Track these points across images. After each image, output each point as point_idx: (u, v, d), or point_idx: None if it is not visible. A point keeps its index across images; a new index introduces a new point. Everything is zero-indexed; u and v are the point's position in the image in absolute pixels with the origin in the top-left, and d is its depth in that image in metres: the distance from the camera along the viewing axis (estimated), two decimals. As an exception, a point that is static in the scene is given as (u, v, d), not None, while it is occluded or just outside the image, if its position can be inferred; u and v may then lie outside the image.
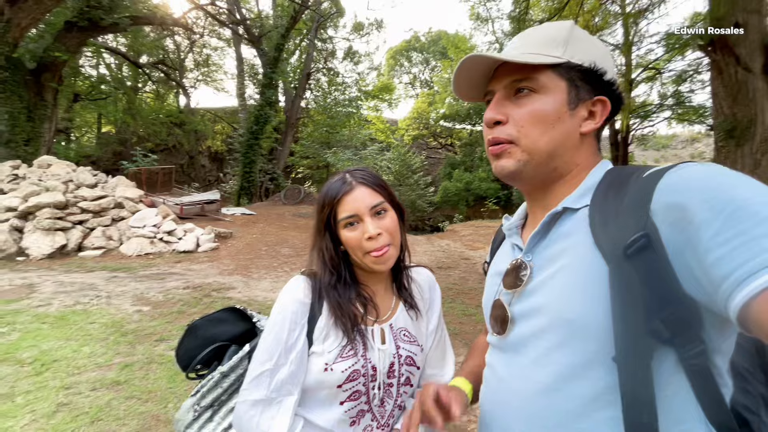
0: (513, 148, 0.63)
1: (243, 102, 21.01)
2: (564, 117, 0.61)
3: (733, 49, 3.75)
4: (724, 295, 0.42)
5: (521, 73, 0.62)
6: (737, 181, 0.45)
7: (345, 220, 0.87)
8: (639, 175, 0.54)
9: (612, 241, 0.52)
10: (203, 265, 6.60)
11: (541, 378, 0.58)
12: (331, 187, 0.90)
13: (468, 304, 5.04)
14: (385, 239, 0.86)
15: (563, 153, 0.63)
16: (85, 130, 25.00)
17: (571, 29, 0.63)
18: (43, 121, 11.23)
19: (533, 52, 0.62)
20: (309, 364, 0.85)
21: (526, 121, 0.62)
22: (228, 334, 0.98)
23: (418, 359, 0.93)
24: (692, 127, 15.53)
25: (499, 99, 0.65)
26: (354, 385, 0.84)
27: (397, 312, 0.96)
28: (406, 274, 1.00)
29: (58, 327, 3.73)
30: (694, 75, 11.93)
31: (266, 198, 17.46)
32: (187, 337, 0.97)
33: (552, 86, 0.61)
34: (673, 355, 0.49)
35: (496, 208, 18.10)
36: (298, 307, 0.87)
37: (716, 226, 0.43)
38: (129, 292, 4.88)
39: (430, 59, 30.72)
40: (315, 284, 0.90)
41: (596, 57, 0.62)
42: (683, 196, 0.47)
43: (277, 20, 18.57)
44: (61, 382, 2.75)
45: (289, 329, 0.85)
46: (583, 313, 0.53)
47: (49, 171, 8.06)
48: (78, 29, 11.74)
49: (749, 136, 3.80)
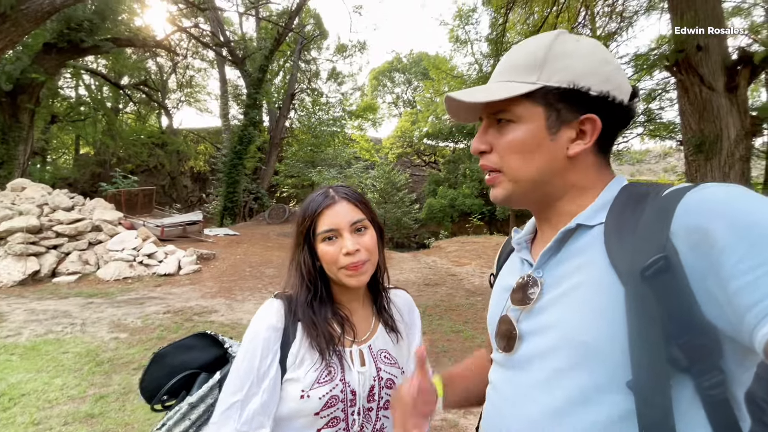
0: (501, 177, 0.64)
1: (227, 122, 20.95)
2: (544, 143, 0.59)
3: (697, 69, 3.96)
4: (749, 326, 0.40)
5: (498, 104, 0.61)
6: (761, 204, 0.43)
7: (324, 233, 0.85)
8: (657, 194, 0.52)
9: (629, 261, 0.50)
10: (185, 288, 6.41)
11: (549, 401, 0.55)
12: (313, 200, 0.89)
13: (455, 320, 5.02)
14: (363, 256, 0.84)
15: (550, 178, 0.61)
16: (62, 152, 24.42)
17: (551, 45, 0.59)
18: (18, 143, 10.96)
19: (508, 80, 0.61)
20: (283, 393, 0.81)
21: (506, 151, 0.62)
22: (198, 362, 0.93)
23: (398, 382, 0.89)
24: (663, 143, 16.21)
25: (484, 128, 0.65)
26: (332, 411, 0.81)
27: (376, 333, 0.93)
28: (385, 296, 0.98)
29: (29, 358, 3.54)
30: (663, 93, 12.52)
31: (250, 218, 17.25)
32: (153, 365, 0.91)
33: (528, 115, 0.59)
34: (690, 384, 0.46)
35: (481, 224, 18.30)
36: (271, 333, 0.83)
37: (740, 253, 0.41)
38: (105, 319, 4.69)
39: (412, 79, 31.41)
40: (289, 306, 0.87)
41: (577, 74, 0.57)
42: (705, 219, 0.45)
43: (261, 42, 18.78)
44: (30, 418, 2.59)
45: (261, 356, 0.81)
46: (597, 335, 0.51)
47: (23, 194, 7.80)
48: (57, 51, 11.62)
49: (716, 150, 3.98)
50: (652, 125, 14.20)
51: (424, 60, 26.02)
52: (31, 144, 12.01)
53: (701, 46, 3.92)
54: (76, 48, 11.92)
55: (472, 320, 5.01)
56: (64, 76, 18.73)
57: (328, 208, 0.86)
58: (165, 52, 19.73)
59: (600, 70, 0.58)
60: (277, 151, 20.86)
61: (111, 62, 18.64)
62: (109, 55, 16.53)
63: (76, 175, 21.50)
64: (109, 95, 22.36)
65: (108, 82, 19.86)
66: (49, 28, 11.67)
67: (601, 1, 7.87)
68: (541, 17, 7.98)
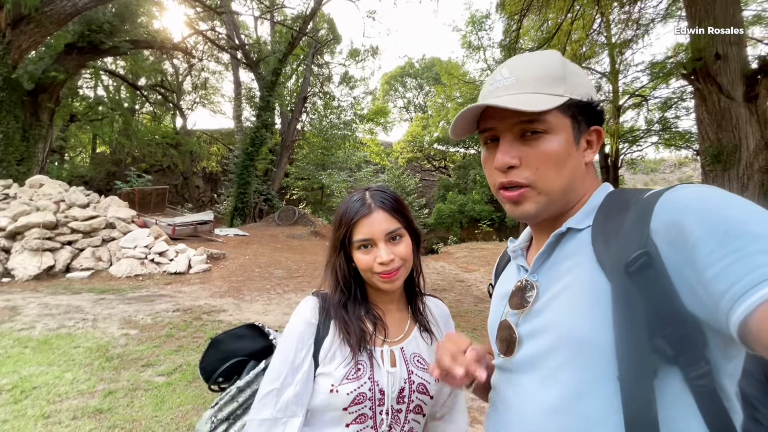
0: (530, 192, 0.62)
1: (239, 124, 21.24)
2: (572, 152, 0.62)
3: (715, 78, 3.90)
4: (723, 310, 0.43)
5: (528, 114, 0.60)
6: (732, 201, 0.47)
7: (359, 242, 0.88)
8: (639, 196, 0.56)
9: (614, 258, 0.53)
10: (194, 286, 6.47)
11: (547, 399, 0.57)
12: (349, 207, 0.90)
13: (464, 327, 4.98)
14: (396, 264, 0.87)
15: (574, 186, 0.64)
16: (79, 150, 24.99)
17: (564, 64, 0.63)
18: (38, 141, 11.22)
19: (536, 92, 0.61)
20: (316, 386, 0.85)
21: (541, 163, 0.61)
22: (248, 350, 1.01)
23: (431, 388, 0.89)
24: (679, 152, 15.94)
25: (509, 141, 0.63)
26: (359, 408, 0.83)
27: (410, 336, 0.94)
28: (422, 300, 0.99)
29: (41, 352, 3.60)
30: (679, 102, 12.33)
31: (260, 219, 17.39)
32: (210, 350, 1.00)
33: (560, 125, 0.61)
34: (678, 375, 0.49)
35: (490, 230, 18.17)
36: (305, 328, 0.88)
37: (712, 244, 0.44)
38: (116, 315, 4.76)
39: (423, 84, 31.51)
40: (324, 304, 0.91)
41: (590, 90, 0.64)
42: (680, 215, 0.48)
43: (275, 46, 19.06)
44: (40, 411, 2.62)
45: (296, 349, 0.86)
46: (588, 331, 0.54)
47: (40, 191, 7.98)
48: (78, 51, 11.92)
49: (735, 160, 3.90)
50: (667, 134, 13.98)
51: (437, 65, 26.08)
52: (50, 142, 12.30)
53: (720, 55, 3.85)
54: (96, 49, 12.22)
55: (481, 327, 4.96)
56: (83, 77, 19.21)
57: (364, 217, 0.88)
58: (181, 55, 20.12)
59: (593, 87, 0.66)
60: (288, 153, 21.04)
61: (129, 64, 19.07)
62: (128, 57, 16.92)
63: (92, 173, 21.97)
64: (126, 96, 22.86)
65: (126, 82, 20.31)
66: (71, 30, 12.00)
67: (616, 7, 7.80)
68: (555, 24, 7.93)
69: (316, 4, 17.84)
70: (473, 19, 17.52)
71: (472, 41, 17.89)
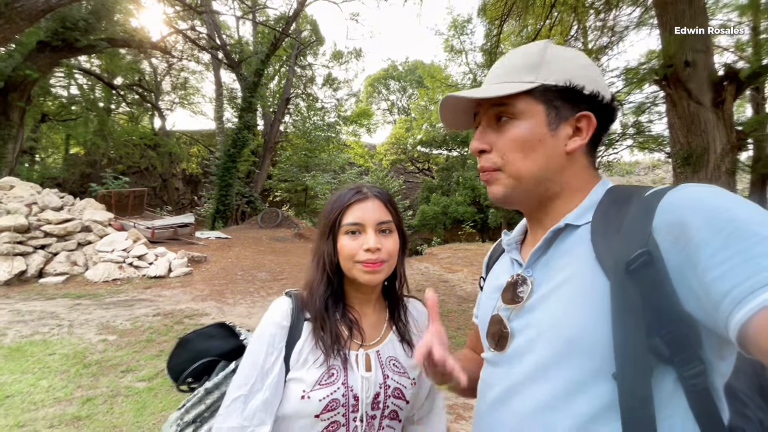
0: (499, 175, 0.64)
1: (221, 125, 20.88)
2: (545, 139, 0.62)
3: (685, 84, 4.08)
4: (723, 314, 0.42)
5: (499, 101, 0.63)
6: (736, 202, 0.46)
7: (348, 226, 0.84)
8: (641, 194, 0.55)
9: (614, 256, 0.52)
10: (175, 290, 6.34)
11: (538, 395, 0.56)
12: (343, 194, 0.89)
13: (448, 326, 5.04)
14: (383, 256, 0.83)
15: (551, 174, 0.63)
16: (51, 151, 24.04)
17: (543, 50, 0.63)
18: (7, 141, 10.78)
19: (508, 81, 0.64)
20: (286, 391, 0.81)
21: (508, 147, 0.63)
22: (218, 350, 0.97)
23: (407, 392, 0.86)
24: (652, 155, 16.53)
25: (482, 128, 0.66)
26: (332, 415, 0.79)
27: (386, 339, 0.91)
28: (402, 304, 0.96)
29: (13, 359, 3.46)
30: (652, 107, 12.78)
31: (242, 221, 17.12)
32: (177, 349, 0.96)
33: (529, 110, 0.62)
34: (673, 374, 0.48)
35: (473, 231, 18.39)
36: (276, 330, 0.84)
37: (715, 246, 0.44)
38: (94, 321, 4.62)
39: (407, 87, 31.66)
40: (298, 304, 0.87)
41: (572, 74, 0.62)
42: (684, 215, 0.48)
43: (257, 46, 18.82)
44: (14, 420, 2.53)
45: (266, 353, 0.81)
46: (584, 328, 0.53)
47: (11, 193, 7.67)
48: (51, 49, 11.50)
49: (703, 163, 4.08)
50: (641, 137, 14.48)
51: (420, 68, 26.31)
52: (20, 143, 11.82)
53: (689, 62, 4.04)
54: (71, 47, 11.80)
55: (464, 326, 5.03)
56: (56, 75, 18.53)
57: (358, 201, 0.86)
58: (160, 54, 19.65)
59: (587, 73, 0.63)
60: (271, 155, 20.81)
61: (105, 62, 18.48)
62: (104, 55, 16.41)
63: (65, 174, 21.18)
64: (102, 95, 22.14)
65: (101, 81, 19.67)
66: (44, 27, 11.56)
67: (592, 15, 8.06)
68: (535, 30, 8.14)
69: (299, 5, 17.76)
70: (455, 23, 17.76)
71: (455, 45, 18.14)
